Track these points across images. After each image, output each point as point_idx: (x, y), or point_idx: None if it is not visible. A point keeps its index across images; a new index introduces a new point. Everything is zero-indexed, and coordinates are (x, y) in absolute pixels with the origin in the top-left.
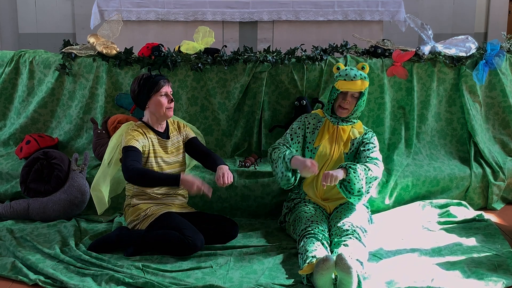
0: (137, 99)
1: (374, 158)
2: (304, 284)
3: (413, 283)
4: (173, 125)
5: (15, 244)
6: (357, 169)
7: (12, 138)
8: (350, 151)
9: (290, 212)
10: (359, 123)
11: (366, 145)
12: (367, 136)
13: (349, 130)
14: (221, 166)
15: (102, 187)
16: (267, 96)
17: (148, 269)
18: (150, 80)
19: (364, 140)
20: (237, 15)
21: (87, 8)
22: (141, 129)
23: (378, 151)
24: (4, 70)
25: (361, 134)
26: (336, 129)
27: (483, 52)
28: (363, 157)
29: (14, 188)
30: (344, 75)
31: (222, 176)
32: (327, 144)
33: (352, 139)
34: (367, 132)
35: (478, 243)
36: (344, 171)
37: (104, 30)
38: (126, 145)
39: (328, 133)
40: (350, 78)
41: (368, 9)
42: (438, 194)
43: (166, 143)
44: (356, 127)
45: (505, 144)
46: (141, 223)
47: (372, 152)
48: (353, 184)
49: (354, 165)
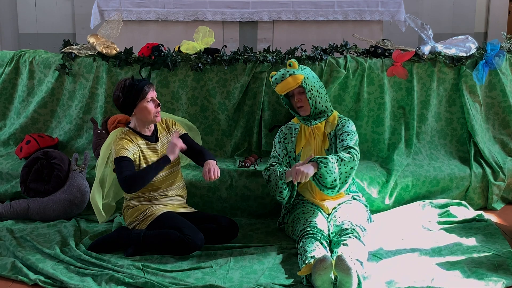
0: (122, 107)
1: (348, 146)
2: (304, 284)
3: (413, 283)
4: (161, 125)
5: (15, 244)
6: (328, 163)
7: (12, 138)
8: (330, 146)
9: (288, 213)
10: (333, 115)
11: (340, 136)
12: (339, 126)
13: (323, 127)
14: (208, 161)
15: (96, 199)
16: (267, 96)
17: (148, 269)
18: (134, 87)
19: (337, 132)
20: (237, 15)
21: (87, 8)
22: (129, 136)
23: (354, 138)
24: (4, 70)
25: (334, 126)
26: (312, 130)
27: (483, 52)
28: (339, 148)
29: (14, 188)
30: (275, 80)
31: (208, 171)
32: (306, 148)
33: (328, 133)
34: (341, 121)
35: (478, 243)
36: (315, 165)
37: (104, 30)
38: (117, 156)
39: (305, 138)
40: (280, 79)
41: (368, 9)
42: (438, 194)
43: (155, 146)
44: (330, 120)
45: (505, 144)
46: (141, 223)
47: (346, 141)
48: (325, 178)
49: (325, 158)
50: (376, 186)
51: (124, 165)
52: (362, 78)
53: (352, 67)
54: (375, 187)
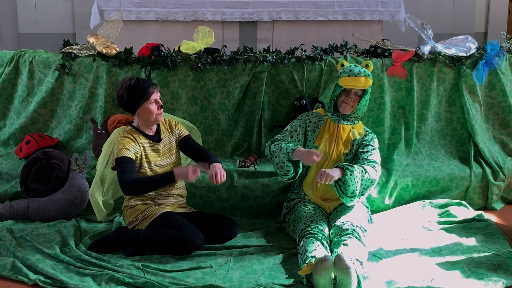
0: (125, 106)
1: (373, 161)
2: (304, 284)
3: (413, 283)
4: (164, 126)
5: (15, 244)
6: (354, 171)
7: (12, 138)
8: (350, 152)
9: (289, 212)
10: (360, 124)
11: (366, 147)
12: (367, 138)
13: (349, 130)
14: (214, 164)
15: (97, 195)
16: (267, 96)
17: (148, 269)
18: (139, 88)
19: (363, 142)
20: (237, 15)
21: (87, 8)
22: (132, 134)
23: (377, 153)
24: (4, 70)
25: (361, 135)
26: (337, 128)
27: (483, 52)
28: (362, 159)
29: (14, 188)
30: (348, 71)
31: (215, 174)
32: (327, 143)
33: (352, 140)
34: (368, 133)
35: (478, 243)
36: (340, 171)
37: (104, 30)
38: (118, 156)
39: (328, 132)
40: (354, 74)
41: (368, 9)
42: (438, 194)
43: (158, 146)
44: (357, 128)
45: (505, 144)
46: (140, 223)
47: (371, 154)
48: (348, 186)
49: (351, 166)
50: (376, 186)
51: (125, 166)
52: None
53: None
54: (375, 187)
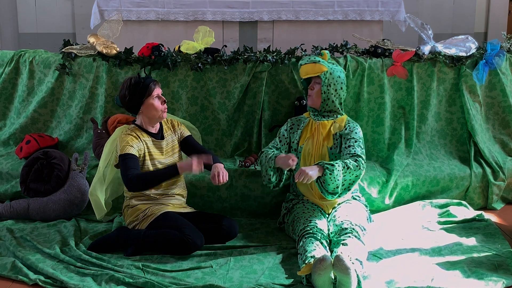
0: (128, 105)
1: (355, 155)
2: (304, 284)
3: (413, 283)
4: (167, 125)
5: (15, 244)
6: (334, 170)
7: (12, 138)
8: (334, 145)
9: (288, 213)
10: (342, 117)
11: (347, 141)
12: (347, 130)
13: (330, 125)
14: (216, 164)
15: (98, 193)
16: (267, 96)
17: (148, 269)
18: (140, 85)
19: (345, 136)
20: (237, 15)
21: (87, 8)
22: (135, 132)
23: (360, 144)
24: (4, 70)
25: (342, 128)
26: (317, 126)
27: (483, 52)
28: (345, 154)
29: (14, 188)
30: (300, 62)
31: (217, 175)
32: (309, 142)
33: (333, 133)
34: (348, 125)
35: (478, 243)
36: (320, 170)
37: (104, 30)
38: (122, 153)
39: (310, 132)
40: (305, 62)
41: (368, 9)
42: (438, 194)
43: (161, 144)
44: (338, 122)
45: (505, 144)
46: (141, 223)
47: (353, 148)
48: (327, 184)
49: (331, 165)
50: (376, 186)
51: (129, 162)
52: (362, 78)
53: (352, 67)
54: (375, 187)
